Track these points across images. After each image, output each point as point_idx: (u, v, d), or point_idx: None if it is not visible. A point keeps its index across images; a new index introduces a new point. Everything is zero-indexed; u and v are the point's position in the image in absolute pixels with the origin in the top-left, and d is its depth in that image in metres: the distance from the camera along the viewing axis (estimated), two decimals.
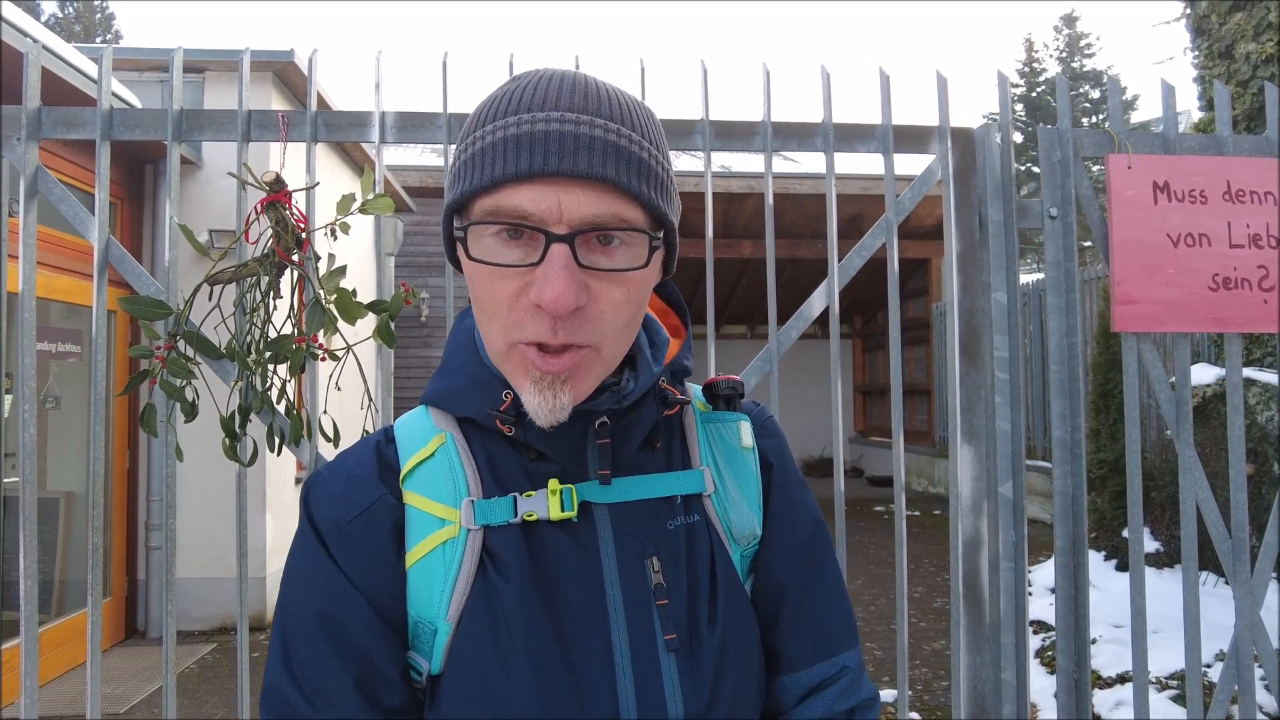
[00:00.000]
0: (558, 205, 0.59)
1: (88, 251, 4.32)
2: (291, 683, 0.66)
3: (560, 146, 0.59)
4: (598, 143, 0.60)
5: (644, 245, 0.63)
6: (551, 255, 0.60)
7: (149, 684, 4.02)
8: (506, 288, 0.62)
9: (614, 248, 0.62)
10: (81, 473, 4.53)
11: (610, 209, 0.61)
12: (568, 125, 0.60)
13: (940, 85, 1.72)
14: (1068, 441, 1.70)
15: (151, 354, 1.45)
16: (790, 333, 1.68)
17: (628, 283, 0.63)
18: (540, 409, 0.63)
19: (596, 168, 0.59)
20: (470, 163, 0.63)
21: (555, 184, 0.59)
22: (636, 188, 0.61)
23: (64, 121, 1.55)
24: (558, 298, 0.59)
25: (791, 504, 0.79)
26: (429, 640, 0.68)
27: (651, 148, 0.64)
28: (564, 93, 0.62)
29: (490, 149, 0.61)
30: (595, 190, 0.60)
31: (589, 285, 0.62)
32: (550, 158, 0.59)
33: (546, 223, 0.60)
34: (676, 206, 0.68)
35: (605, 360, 0.66)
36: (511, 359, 0.65)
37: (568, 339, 0.62)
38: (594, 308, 0.62)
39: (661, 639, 0.67)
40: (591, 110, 0.62)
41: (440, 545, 0.68)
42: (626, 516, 0.71)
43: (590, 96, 0.63)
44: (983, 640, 1.69)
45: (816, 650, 0.75)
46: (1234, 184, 1.70)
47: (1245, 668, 1.72)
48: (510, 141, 0.60)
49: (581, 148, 0.59)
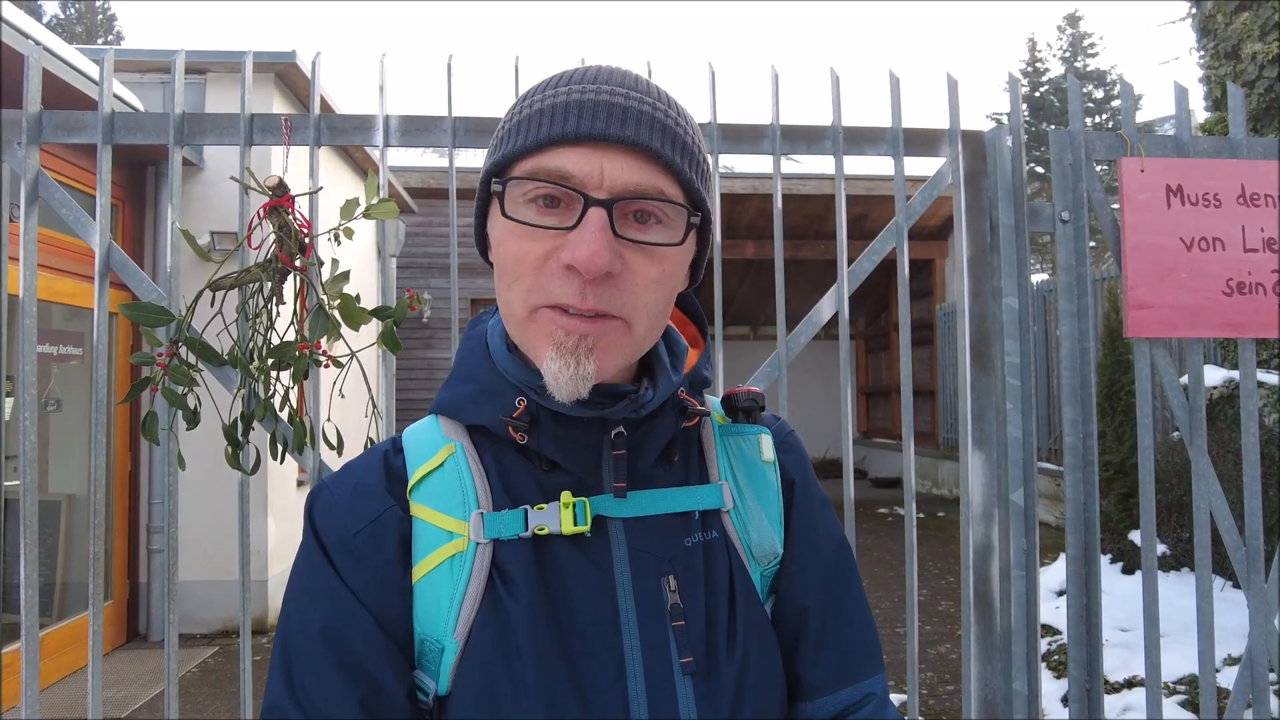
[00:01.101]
0: (600, 170, 0.60)
1: (89, 254, 4.30)
2: (293, 702, 0.63)
3: (609, 113, 0.60)
4: (645, 116, 0.61)
5: (682, 222, 0.63)
6: (588, 218, 0.59)
7: (150, 687, 4.00)
8: (535, 249, 0.61)
9: (650, 225, 0.62)
10: (83, 475, 4.52)
11: (651, 180, 0.61)
12: (617, 97, 0.61)
13: (951, 88, 1.70)
14: (1079, 448, 1.68)
15: (153, 361, 1.43)
16: (799, 338, 1.66)
17: (662, 260, 0.63)
18: (560, 376, 0.61)
19: (643, 137, 0.60)
20: (515, 128, 0.63)
21: (600, 149, 0.60)
22: (679, 164, 0.62)
23: (65, 125, 1.53)
24: (591, 256, 0.58)
25: (814, 523, 0.77)
26: (436, 659, 0.65)
27: (693, 133, 0.65)
28: (613, 74, 0.64)
29: (537, 114, 0.62)
30: (639, 160, 0.61)
31: (623, 255, 0.61)
32: (598, 122, 0.60)
33: (587, 186, 0.60)
34: (712, 195, 0.68)
35: (635, 338, 0.64)
36: (532, 325, 0.63)
37: (596, 305, 0.60)
38: (627, 278, 0.61)
39: (678, 662, 0.65)
40: (642, 91, 0.63)
41: (448, 559, 0.66)
42: (642, 532, 0.68)
43: (641, 82, 0.65)
44: (994, 649, 1.67)
45: (840, 676, 0.72)
46: (1248, 187, 1.68)
47: (1260, 674, 1.70)
48: (559, 107, 0.61)
49: (630, 117, 0.60)
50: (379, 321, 1.50)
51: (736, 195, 8.95)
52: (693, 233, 0.65)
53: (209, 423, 1.51)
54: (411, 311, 1.53)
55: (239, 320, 1.50)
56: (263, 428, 1.50)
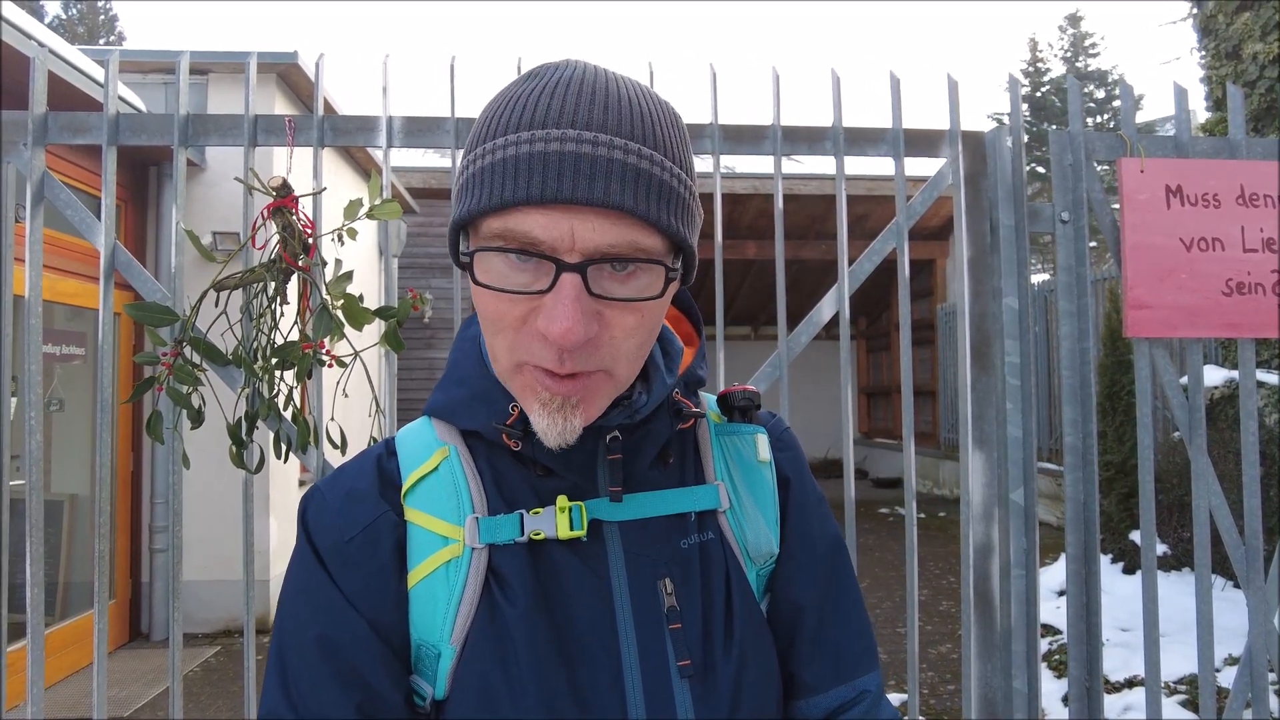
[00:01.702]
0: (570, 233, 0.56)
1: (92, 254, 4.31)
2: (288, 707, 0.63)
3: (575, 170, 0.55)
4: (615, 166, 0.56)
5: (661, 275, 0.60)
6: (561, 285, 0.56)
7: (153, 686, 4.01)
8: (513, 310, 0.59)
9: (628, 274, 0.59)
10: (85, 475, 4.53)
11: (626, 237, 0.57)
12: (584, 146, 0.56)
13: (951, 89, 1.71)
14: (1079, 448, 1.68)
15: (158, 361, 1.44)
16: (800, 338, 1.66)
17: (641, 310, 0.60)
18: (549, 431, 0.61)
19: (614, 196, 0.55)
20: (477, 178, 0.59)
21: (569, 210, 0.56)
22: (655, 215, 0.57)
23: (70, 127, 1.54)
24: (566, 333, 0.56)
25: (810, 521, 0.77)
26: (432, 664, 0.65)
27: (674, 165, 0.60)
28: (580, 105, 0.57)
29: (500, 166, 0.57)
30: (610, 218, 0.56)
31: (601, 313, 0.59)
32: (564, 183, 0.55)
33: (558, 251, 0.56)
34: (698, 223, 0.64)
35: (618, 382, 0.63)
36: (518, 378, 0.62)
37: (575, 367, 0.59)
38: (604, 335, 0.59)
39: (675, 665, 0.65)
40: (610, 127, 0.57)
41: (443, 565, 0.66)
42: (638, 535, 0.68)
43: (610, 109, 0.58)
44: (994, 648, 1.68)
45: (835, 674, 0.73)
46: (1248, 188, 1.68)
47: (1260, 674, 1.71)
48: (521, 161, 0.56)
49: (598, 173, 0.55)
50: (382, 321, 1.51)
51: (738, 195, 8.96)
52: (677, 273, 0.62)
53: (210, 423, 1.52)
54: (414, 311, 1.53)
55: (243, 320, 1.50)
56: (266, 427, 1.51)
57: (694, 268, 0.67)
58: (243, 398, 1.49)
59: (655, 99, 0.63)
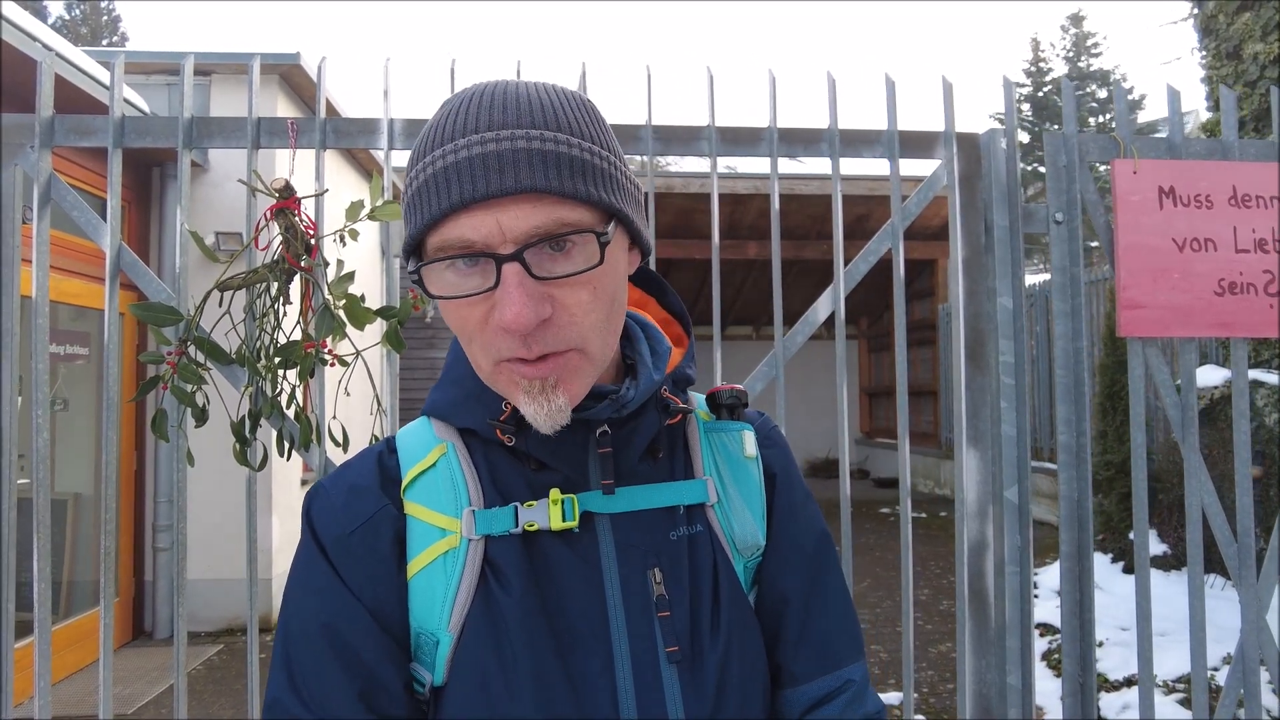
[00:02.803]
0: (497, 226, 0.59)
1: (96, 254, 4.34)
2: (294, 696, 0.66)
3: (485, 169, 0.59)
4: (521, 155, 0.59)
5: (594, 243, 0.62)
6: (504, 276, 0.60)
7: (156, 684, 4.04)
8: (474, 314, 0.62)
9: (569, 251, 0.61)
10: (88, 475, 4.56)
11: (550, 216, 0.60)
12: (489, 145, 0.60)
13: (946, 91, 1.72)
14: (1073, 446, 1.70)
15: (163, 360, 1.46)
16: (796, 338, 1.68)
17: (590, 282, 0.62)
18: (538, 416, 0.63)
19: (524, 180, 0.59)
20: (412, 204, 0.63)
21: (491, 206, 0.59)
22: (571, 188, 0.60)
23: (77, 130, 1.56)
24: (516, 318, 0.59)
25: (796, 515, 0.79)
26: (431, 651, 0.68)
27: (584, 143, 0.63)
28: (483, 112, 0.62)
29: (426, 185, 0.61)
30: (531, 202, 0.60)
31: (551, 295, 0.61)
32: (479, 182, 0.59)
33: (492, 245, 0.60)
34: (629, 191, 0.66)
35: (594, 359, 0.65)
36: (499, 376, 0.65)
37: (543, 349, 0.62)
38: (563, 315, 0.62)
39: (664, 651, 0.67)
40: (512, 123, 0.61)
41: (441, 556, 0.68)
42: (628, 527, 0.71)
43: (509, 108, 0.61)
44: (988, 644, 1.70)
45: (821, 663, 0.75)
46: (1240, 189, 1.70)
47: (1251, 671, 1.72)
48: (440, 175, 0.60)
49: (506, 165, 0.59)
50: (383, 321, 1.53)
51: (739, 196, 8.97)
52: (609, 237, 0.63)
53: (212, 424, 1.54)
54: (415, 312, 1.56)
55: (246, 320, 1.53)
56: (270, 425, 1.53)
57: (641, 233, 0.69)
58: (246, 396, 1.51)
59: (563, 92, 0.66)
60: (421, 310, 1.71)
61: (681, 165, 9.27)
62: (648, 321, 0.78)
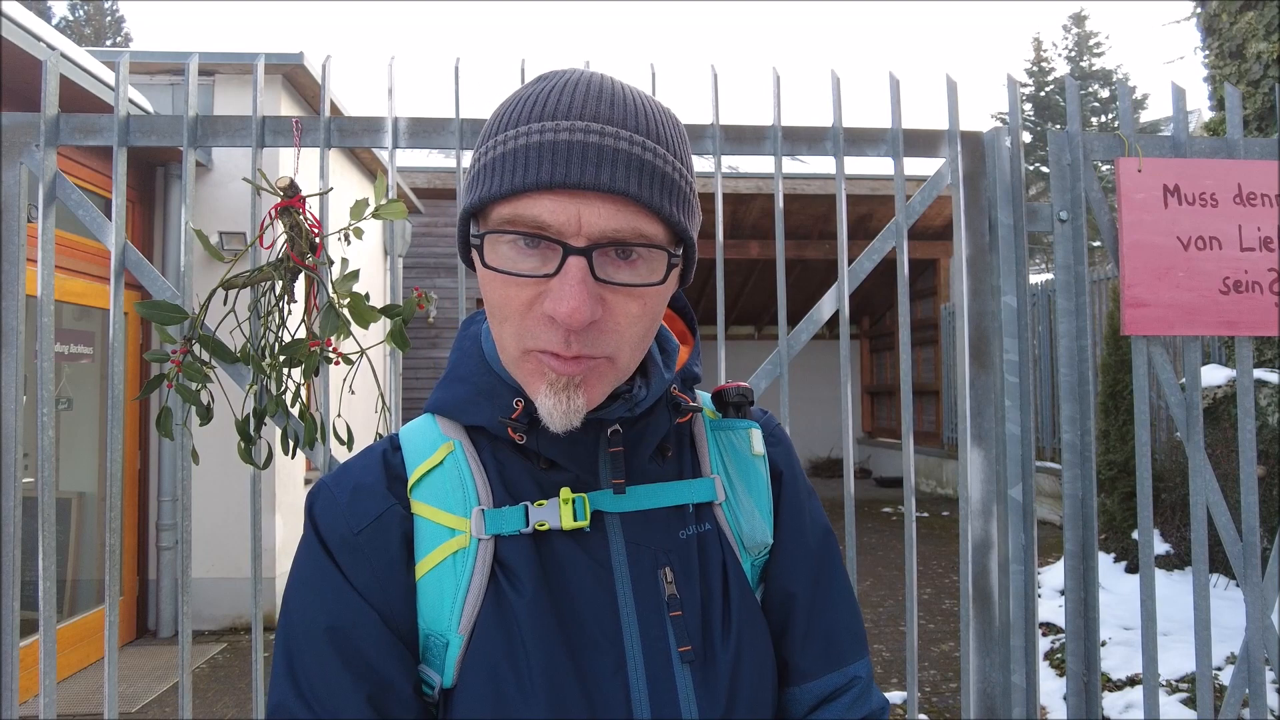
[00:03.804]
0: (577, 218, 0.58)
1: (100, 254, 4.37)
2: (300, 700, 0.64)
3: (583, 157, 0.58)
4: (620, 155, 0.59)
5: (663, 261, 0.62)
6: (568, 268, 0.59)
7: (160, 683, 4.05)
8: (520, 295, 0.61)
9: (632, 261, 0.61)
10: (92, 474, 4.57)
11: (630, 224, 0.59)
12: (591, 136, 0.59)
13: (950, 89, 1.72)
14: (1077, 445, 1.70)
15: (168, 358, 1.46)
16: (800, 336, 1.68)
17: (644, 297, 0.62)
18: (554, 412, 0.62)
19: (619, 182, 0.58)
20: (490, 167, 0.61)
21: (576, 196, 0.58)
22: (658, 203, 0.60)
23: (82, 129, 1.57)
24: (572, 313, 0.58)
25: (801, 513, 0.79)
26: (440, 653, 0.67)
27: (675, 160, 0.62)
28: (589, 100, 0.60)
29: (511, 155, 0.60)
30: (616, 204, 0.59)
31: (605, 298, 0.61)
32: (572, 169, 0.58)
33: (565, 234, 0.59)
34: (697, 218, 0.66)
35: (620, 370, 0.65)
36: (525, 363, 0.64)
37: (581, 350, 0.61)
38: (609, 320, 0.61)
39: (676, 651, 0.67)
40: (617, 120, 0.60)
41: (451, 556, 0.67)
42: (638, 526, 0.70)
43: (616, 105, 0.61)
44: (992, 643, 1.70)
45: (826, 660, 0.75)
46: (1245, 187, 1.70)
47: (1256, 670, 1.72)
48: (532, 149, 0.59)
49: (605, 160, 0.58)
50: (387, 320, 1.53)
51: (741, 195, 8.97)
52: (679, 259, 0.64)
53: (216, 423, 1.54)
54: (419, 310, 1.56)
55: (251, 318, 1.53)
56: (274, 423, 1.53)
57: (694, 262, 0.69)
58: (251, 395, 1.51)
59: (657, 102, 0.66)
60: (425, 310, 1.71)
61: None
62: None
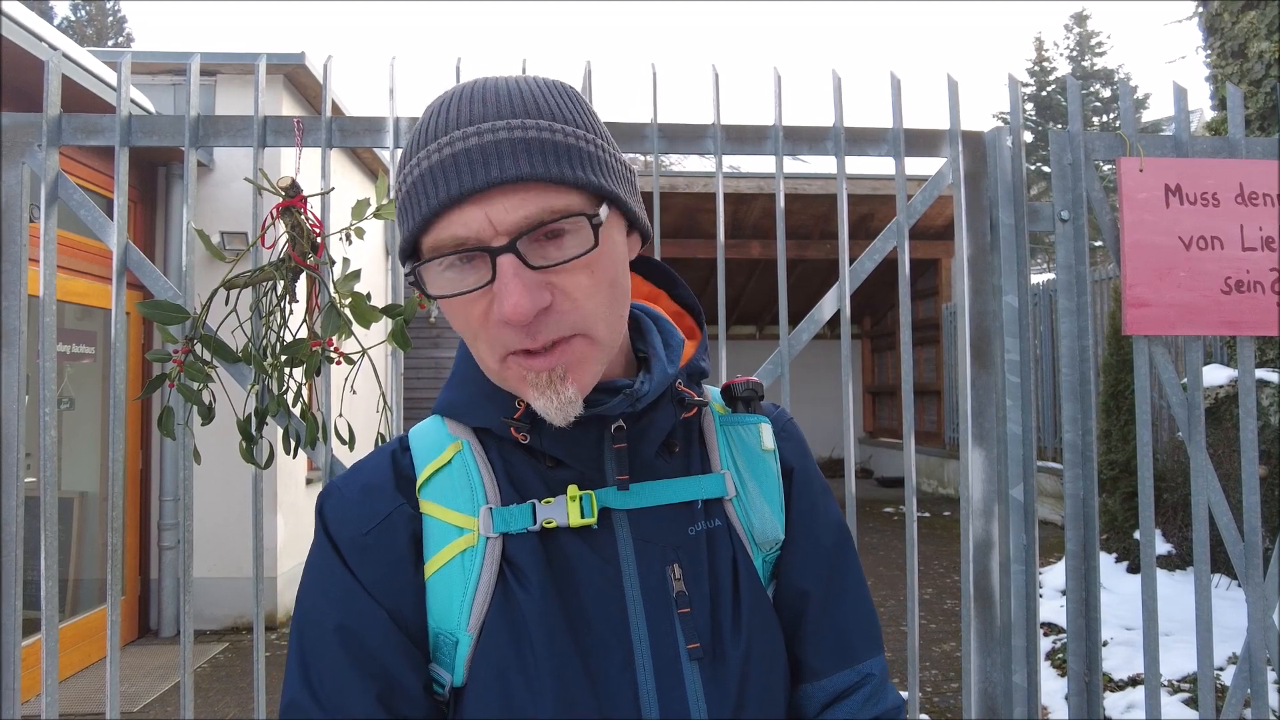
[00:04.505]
0: (487, 220, 0.59)
1: (101, 254, 4.37)
2: (311, 698, 0.65)
3: (469, 163, 0.59)
4: (505, 145, 0.59)
5: (586, 226, 0.61)
6: (500, 269, 0.59)
7: (162, 682, 4.05)
8: (475, 310, 0.62)
9: (562, 238, 0.61)
10: (93, 473, 4.57)
11: (538, 205, 0.59)
12: (470, 140, 0.60)
13: (951, 89, 1.72)
14: (1079, 445, 1.70)
15: (169, 358, 1.46)
16: (801, 336, 1.68)
17: (588, 266, 0.62)
18: (549, 409, 0.63)
19: (509, 170, 0.58)
20: (403, 207, 0.63)
21: (478, 200, 0.59)
22: (557, 173, 0.60)
23: (84, 128, 1.57)
24: (514, 309, 0.59)
25: (815, 509, 0.78)
26: (450, 652, 0.67)
27: (568, 127, 0.62)
28: (463, 108, 0.62)
29: (414, 188, 0.61)
30: (518, 193, 0.59)
31: (550, 282, 0.61)
32: (464, 177, 0.59)
33: (484, 240, 0.60)
34: (620, 174, 0.66)
35: (600, 344, 0.65)
36: (507, 372, 0.64)
37: (547, 337, 0.62)
38: (563, 301, 0.61)
39: (684, 648, 0.67)
40: (492, 115, 0.61)
41: (459, 554, 0.68)
42: (646, 523, 0.70)
43: (491, 101, 0.61)
44: (993, 643, 1.69)
45: (840, 658, 0.74)
46: (1247, 186, 1.70)
47: (1258, 670, 1.72)
48: (426, 175, 0.60)
49: (490, 157, 0.59)
50: (389, 319, 1.53)
51: (742, 195, 8.96)
52: (609, 208, 0.63)
53: (218, 422, 1.54)
54: (421, 310, 1.56)
55: (253, 318, 1.53)
56: (276, 423, 1.53)
57: (637, 214, 0.68)
58: (252, 394, 1.51)
59: (543, 81, 0.66)
60: (426, 309, 1.71)
61: (685, 165, 9.23)
62: (659, 314, 0.78)
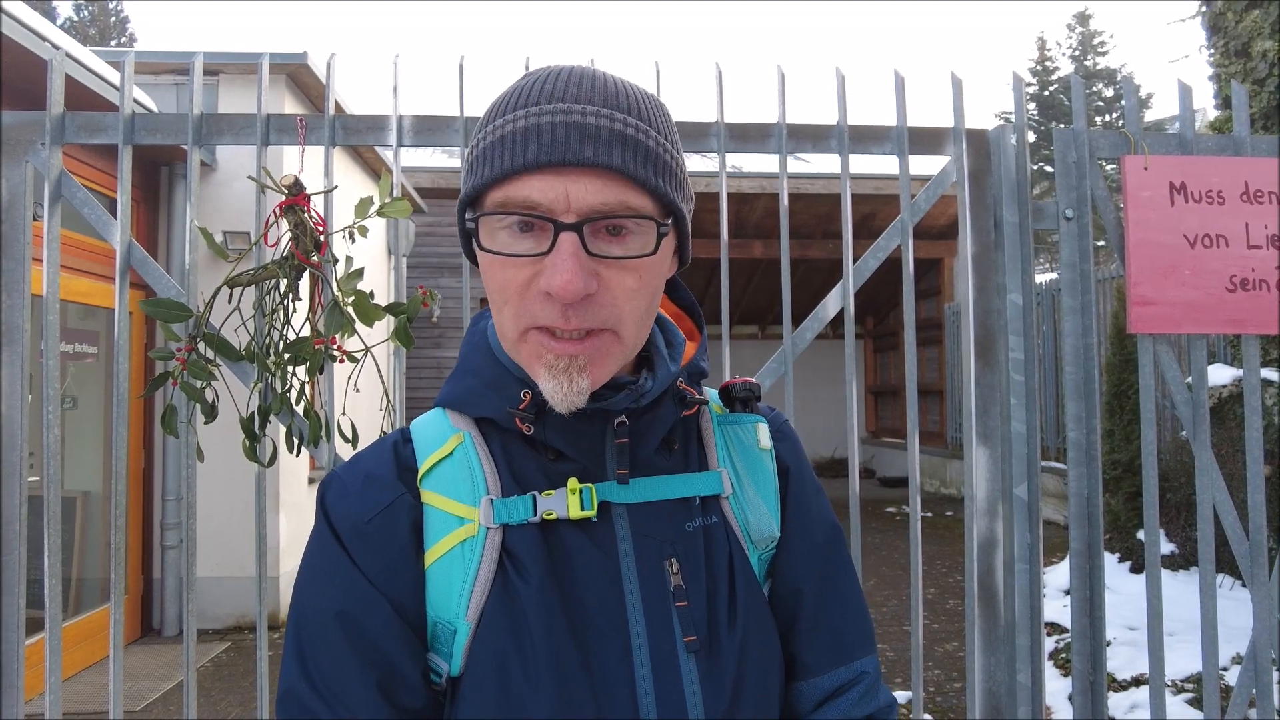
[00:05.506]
0: (565, 194, 0.60)
1: (104, 253, 4.37)
2: (309, 686, 0.65)
3: (567, 136, 0.60)
4: (604, 132, 0.61)
5: (653, 232, 0.64)
6: (560, 243, 0.61)
7: (165, 682, 4.05)
8: (518, 276, 0.63)
9: (623, 236, 0.63)
10: (97, 472, 4.58)
11: (617, 197, 0.61)
12: (574, 116, 0.61)
13: (955, 87, 1.72)
14: (1083, 444, 1.69)
15: (173, 356, 1.46)
16: (805, 335, 1.68)
17: (638, 269, 0.64)
18: (556, 394, 0.64)
19: (603, 156, 0.60)
20: (481, 157, 0.64)
21: (563, 173, 0.60)
22: (643, 175, 0.62)
23: (87, 127, 1.57)
24: (566, 284, 0.60)
25: (809, 509, 0.79)
26: (448, 641, 0.67)
27: (659, 136, 0.64)
28: (571, 85, 0.63)
29: (500, 142, 0.62)
30: (602, 179, 0.61)
31: (599, 273, 0.62)
32: (557, 147, 0.60)
33: (555, 212, 0.61)
34: (688, 196, 0.68)
35: (625, 345, 0.66)
36: (524, 346, 0.65)
37: (580, 324, 0.62)
38: (605, 294, 0.63)
39: (681, 641, 0.67)
40: (599, 101, 0.62)
41: (459, 544, 0.68)
42: (645, 517, 0.71)
43: (599, 89, 0.63)
44: (997, 642, 1.69)
45: (834, 656, 0.75)
46: (1252, 184, 1.69)
47: (1264, 670, 1.71)
48: (519, 134, 0.61)
49: (588, 137, 0.60)
50: (392, 318, 1.53)
51: (744, 194, 8.95)
52: (668, 229, 0.65)
53: (219, 422, 1.54)
54: (424, 309, 1.56)
55: (256, 316, 1.53)
56: (279, 421, 1.53)
57: (688, 238, 0.71)
58: (255, 393, 1.51)
59: (642, 89, 0.68)
60: (429, 308, 1.72)
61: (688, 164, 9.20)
62: (662, 315, 0.79)
